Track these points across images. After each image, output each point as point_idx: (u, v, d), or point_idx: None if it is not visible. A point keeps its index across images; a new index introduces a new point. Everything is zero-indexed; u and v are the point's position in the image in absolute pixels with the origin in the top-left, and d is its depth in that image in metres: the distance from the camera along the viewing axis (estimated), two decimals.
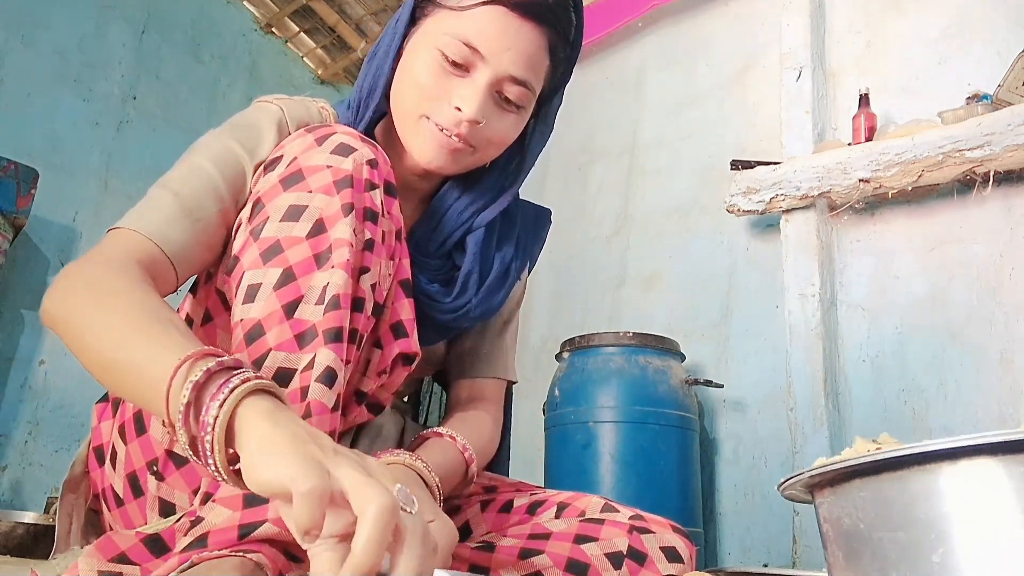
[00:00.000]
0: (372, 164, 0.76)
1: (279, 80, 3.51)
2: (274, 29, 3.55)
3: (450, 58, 0.82)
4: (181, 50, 3.20)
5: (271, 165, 0.78)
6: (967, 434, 0.47)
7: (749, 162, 2.19)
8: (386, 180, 0.78)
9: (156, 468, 0.74)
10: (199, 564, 0.61)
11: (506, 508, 0.93)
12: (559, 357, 2.08)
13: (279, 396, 0.57)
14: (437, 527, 0.70)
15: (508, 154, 0.94)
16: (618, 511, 0.89)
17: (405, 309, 0.81)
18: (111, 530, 0.79)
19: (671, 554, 0.84)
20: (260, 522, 0.64)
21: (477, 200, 0.94)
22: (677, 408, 1.93)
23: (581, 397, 1.93)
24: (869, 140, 1.99)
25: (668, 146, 2.62)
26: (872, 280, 2.02)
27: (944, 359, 1.85)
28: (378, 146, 0.79)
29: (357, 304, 0.72)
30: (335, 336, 0.69)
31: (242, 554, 0.63)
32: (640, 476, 1.84)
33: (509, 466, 1.08)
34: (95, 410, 0.84)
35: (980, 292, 1.83)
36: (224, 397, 0.54)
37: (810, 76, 2.20)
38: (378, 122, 0.92)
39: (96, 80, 2.92)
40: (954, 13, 2.05)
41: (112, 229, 0.74)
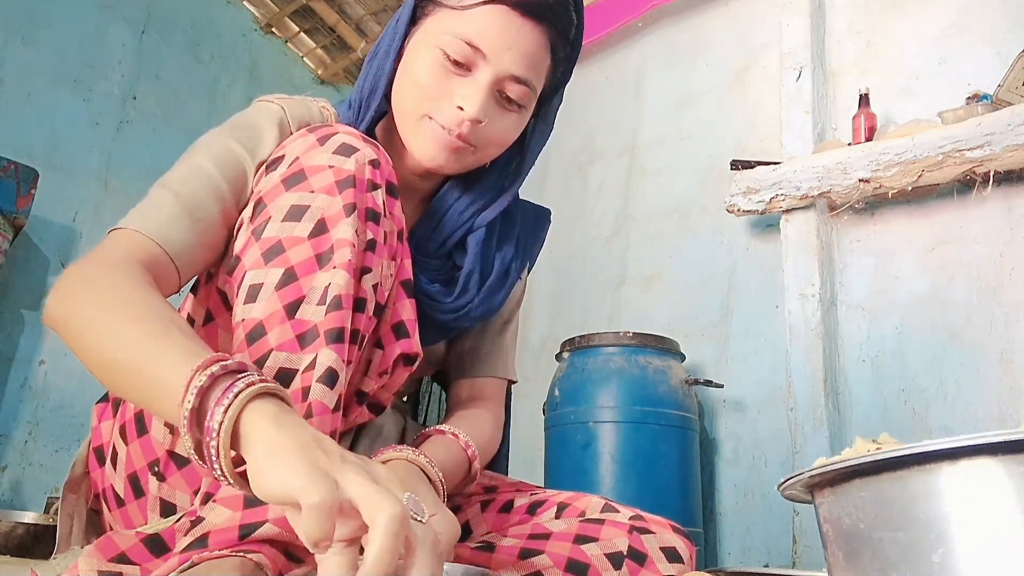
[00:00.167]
0: (374, 164, 0.76)
1: (279, 80, 3.51)
2: (274, 29, 3.55)
3: (452, 57, 0.82)
4: (181, 50, 3.20)
5: (273, 165, 0.77)
6: (967, 434, 0.47)
7: (749, 162, 2.19)
8: (388, 180, 0.78)
9: (157, 468, 0.74)
10: (199, 564, 0.61)
11: (506, 508, 0.93)
12: (559, 357, 2.08)
13: (284, 398, 0.57)
14: (439, 521, 0.70)
15: (508, 154, 0.94)
16: (618, 511, 0.89)
17: (407, 309, 0.81)
18: (112, 530, 0.79)
19: (671, 554, 0.84)
20: (261, 522, 0.64)
21: (477, 200, 0.94)
22: (677, 408, 1.93)
23: (581, 397, 1.93)
24: (869, 140, 1.99)
25: (668, 146, 2.62)
26: (872, 280, 2.02)
27: (944, 359, 1.85)
28: (380, 146, 0.79)
29: (359, 304, 0.72)
30: (337, 336, 0.69)
31: (242, 554, 0.63)
32: (640, 476, 1.84)
33: (508, 465, 1.08)
34: (95, 410, 0.84)
35: (980, 292, 1.83)
36: (228, 402, 0.53)
37: (810, 76, 2.20)
38: (379, 122, 0.92)
39: (96, 80, 2.92)
40: (954, 13, 2.05)
41: (114, 230, 0.74)
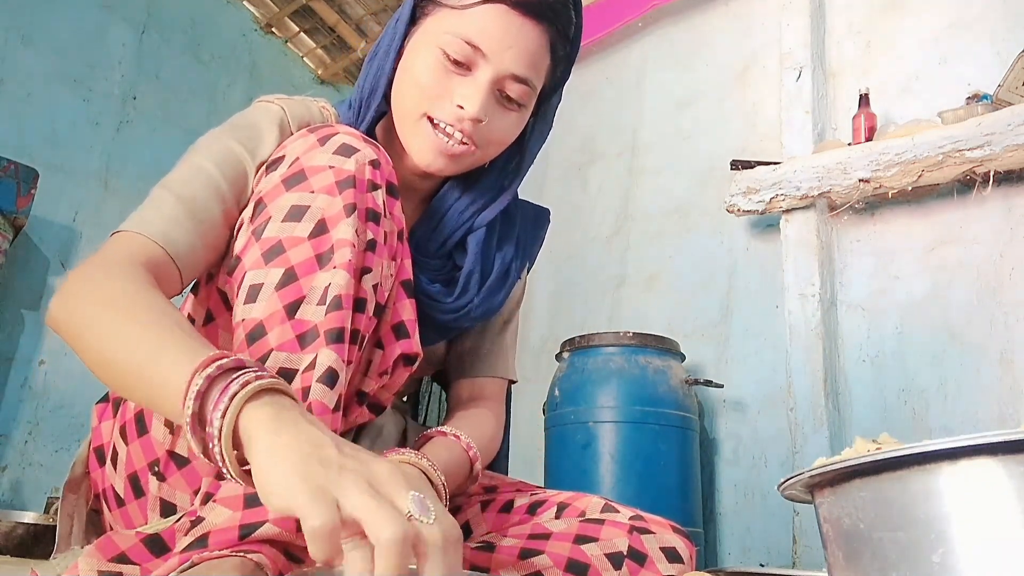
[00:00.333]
0: (375, 165, 0.76)
1: (279, 80, 3.51)
2: (274, 29, 3.55)
3: (452, 57, 0.82)
4: (181, 50, 3.20)
5: (273, 165, 0.77)
6: (967, 434, 0.47)
7: (749, 162, 2.19)
8: (388, 181, 0.78)
9: (157, 468, 0.74)
10: (199, 564, 0.61)
11: (506, 508, 0.93)
12: (559, 357, 2.08)
13: (284, 391, 0.57)
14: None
15: (508, 153, 0.94)
16: (618, 511, 0.89)
17: (407, 310, 0.81)
18: (112, 530, 0.79)
19: (671, 554, 0.84)
20: (261, 522, 0.64)
21: (477, 200, 0.94)
22: (677, 408, 1.93)
23: (581, 397, 1.93)
24: (869, 140, 1.99)
25: (668, 146, 2.62)
26: (872, 280, 2.02)
27: (944, 359, 1.85)
28: (380, 147, 0.79)
29: (359, 305, 0.72)
30: (337, 337, 0.69)
31: (242, 554, 0.63)
32: (640, 476, 1.84)
33: (508, 464, 1.08)
34: (95, 410, 0.84)
35: (980, 292, 1.83)
36: (225, 406, 0.54)
37: (810, 76, 2.21)
38: (379, 122, 0.92)
39: (96, 80, 2.92)
40: (954, 13, 2.05)
41: (116, 232, 0.74)
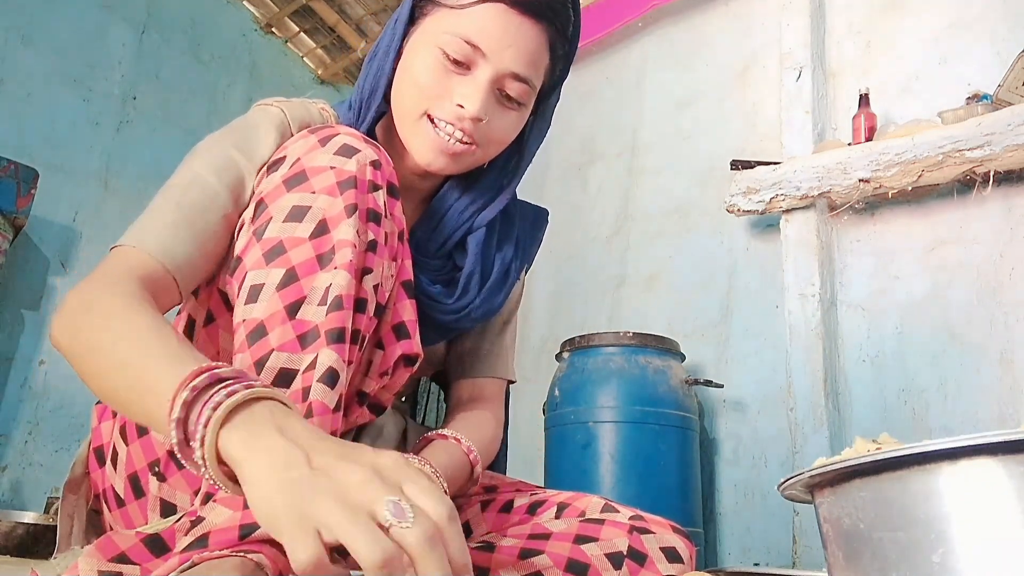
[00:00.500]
0: (375, 165, 0.76)
1: (279, 80, 3.51)
2: (274, 29, 3.55)
3: (451, 56, 0.82)
4: (181, 50, 3.20)
5: (274, 166, 0.78)
6: (967, 434, 0.47)
7: (749, 162, 2.19)
8: (389, 181, 0.78)
9: (158, 469, 0.74)
10: (199, 564, 0.61)
11: (506, 508, 0.93)
12: (559, 357, 2.08)
13: (260, 396, 0.55)
14: None
15: (507, 153, 0.94)
16: (618, 511, 0.88)
17: (407, 310, 0.81)
18: (112, 530, 0.79)
19: (671, 554, 0.84)
20: None
21: (477, 200, 0.94)
22: (677, 408, 1.93)
23: (581, 397, 1.93)
24: (869, 140, 1.99)
25: (668, 146, 2.62)
26: (872, 280, 2.02)
27: (944, 359, 1.85)
28: (380, 147, 0.79)
29: (359, 305, 0.72)
30: (337, 337, 0.69)
31: (242, 554, 0.62)
32: (640, 476, 1.84)
33: (507, 464, 1.08)
34: (95, 411, 0.84)
35: (980, 292, 1.83)
36: (202, 435, 0.53)
37: (810, 76, 2.21)
38: (379, 122, 0.92)
39: (96, 80, 2.92)
40: (954, 13, 2.05)
41: (115, 247, 0.74)
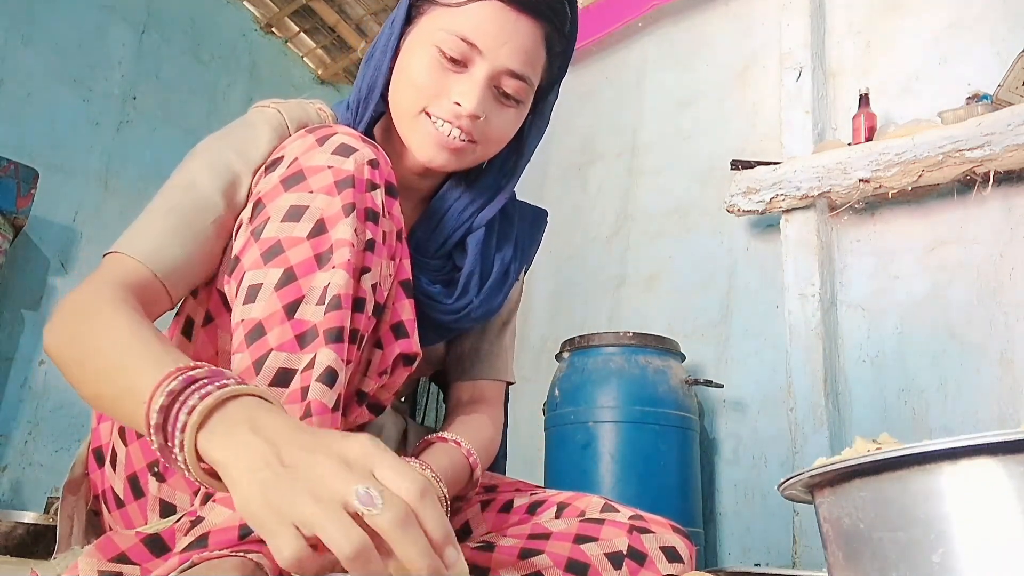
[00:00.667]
0: (373, 164, 0.76)
1: (279, 80, 3.51)
2: (274, 29, 3.55)
3: (448, 54, 0.82)
4: (181, 50, 3.21)
5: (272, 166, 0.78)
6: (967, 434, 0.47)
7: (749, 162, 2.19)
8: (387, 180, 0.78)
9: (157, 469, 0.74)
10: (199, 564, 0.61)
11: (506, 508, 0.93)
12: (559, 357, 2.08)
13: (240, 393, 0.55)
14: None
15: (506, 152, 0.94)
16: (618, 511, 0.88)
17: (406, 309, 0.81)
18: (111, 531, 0.79)
19: (671, 554, 0.84)
20: None
21: (477, 200, 0.94)
22: (677, 408, 1.93)
23: (581, 397, 1.93)
24: (869, 140, 1.99)
25: (668, 146, 2.62)
26: (872, 280, 2.02)
27: (944, 359, 1.85)
28: (378, 146, 0.79)
29: (358, 304, 0.72)
30: (336, 336, 0.69)
31: (242, 554, 0.62)
32: (640, 476, 1.84)
33: (506, 464, 1.08)
34: (94, 412, 0.84)
35: (980, 292, 1.83)
36: (180, 440, 0.53)
37: (810, 76, 2.20)
38: (377, 122, 0.92)
39: (96, 80, 2.92)
40: (954, 13, 2.05)
41: (108, 253, 0.74)
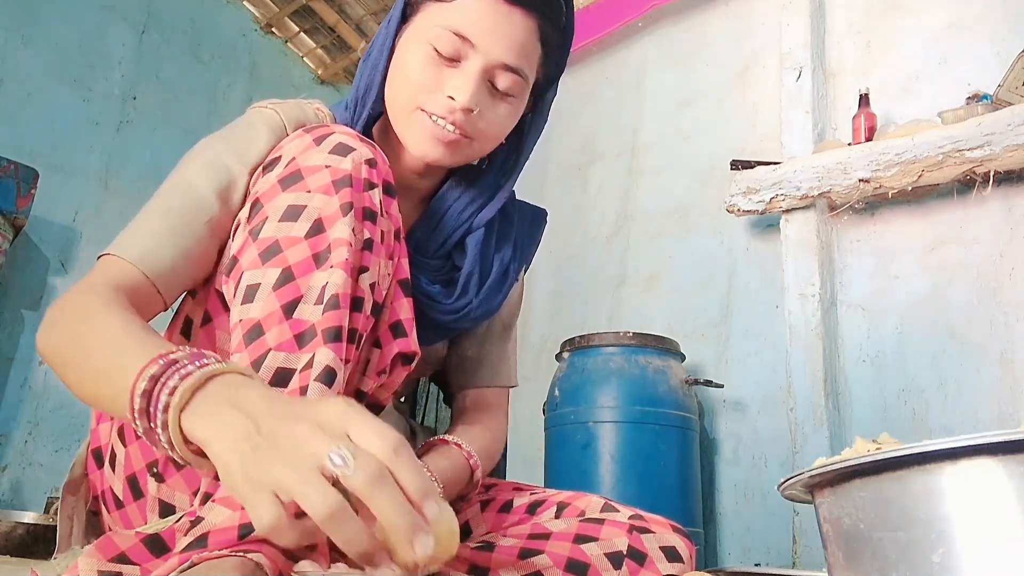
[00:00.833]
0: (371, 163, 0.76)
1: (279, 80, 3.51)
2: (274, 29, 3.55)
3: (441, 50, 0.82)
4: (181, 50, 3.21)
5: (270, 166, 0.78)
6: (967, 434, 0.47)
7: (749, 162, 2.19)
8: (385, 180, 0.77)
9: (156, 470, 0.74)
10: (199, 564, 0.61)
11: (506, 508, 0.93)
12: (559, 357, 2.08)
13: (221, 372, 0.55)
14: None
15: (506, 150, 0.94)
16: (618, 511, 0.88)
17: (404, 308, 0.81)
18: (111, 531, 0.79)
19: (671, 554, 0.84)
20: None
21: (476, 200, 0.94)
22: (677, 408, 1.93)
23: (581, 397, 1.93)
24: (869, 140, 1.99)
25: (668, 146, 2.62)
26: (872, 280, 2.02)
27: (944, 359, 1.85)
28: (376, 146, 0.79)
29: (356, 304, 0.72)
30: (334, 336, 0.68)
31: (242, 554, 0.62)
32: (640, 476, 1.84)
33: (506, 465, 1.09)
34: (94, 412, 0.83)
35: (980, 292, 1.83)
36: (163, 421, 0.54)
37: (810, 76, 2.20)
38: (376, 122, 0.92)
39: (96, 80, 2.92)
40: (954, 13, 2.05)
41: (102, 255, 0.75)
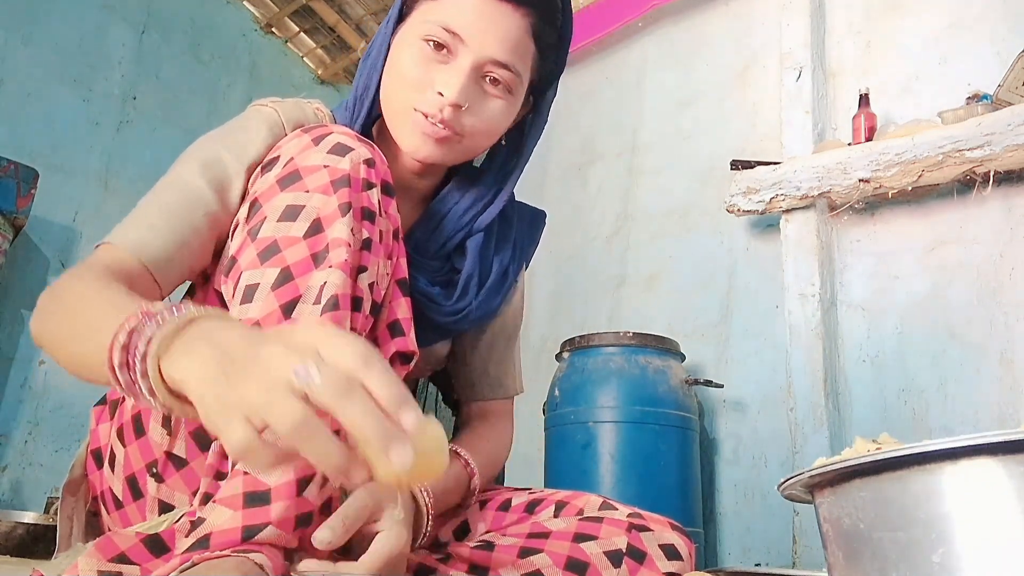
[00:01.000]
0: (369, 163, 0.76)
1: (279, 80, 3.51)
2: (274, 29, 3.55)
3: (432, 46, 0.82)
4: (181, 50, 3.21)
5: (268, 166, 0.78)
6: (967, 434, 0.47)
7: (749, 162, 2.19)
8: (383, 179, 0.77)
9: (156, 470, 0.74)
10: (199, 564, 0.61)
11: (505, 507, 0.93)
12: (559, 357, 2.08)
13: (199, 316, 0.52)
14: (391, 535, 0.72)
15: (506, 151, 0.93)
16: (616, 509, 0.89)
17: (402, 308, 0.81)
18: (111, 531, 0.79)
19: (670, 552, 0.84)
20: (263, 524, 0.63)
21: (477, 203, 0.94)
22: (677, 408, 1.93)
23: (581, 397, 1.93)
24: (869, 140, 1.99)
25: (668, 146, 2.62)
26: (872, 280, 2.02)
27: (944, 359, 1.85)
28: (375, 146, 0.79)
29: (355, 303, 0.72)
30: None
31: (242, 554, 0.62)
32: (640, 476, 1.84)
33: (505, 466, 1.09)
34: (93, 413, 0.84)
35: (980, 292, 1.83)
36: (142, 369, 0.51)
37: (810, 76, 2.20)
38: (375, 122, 0.92)
39: (96, 80, 2.92)
40: (954, 13, 2.05)
41: (99, 245, 0.75)
